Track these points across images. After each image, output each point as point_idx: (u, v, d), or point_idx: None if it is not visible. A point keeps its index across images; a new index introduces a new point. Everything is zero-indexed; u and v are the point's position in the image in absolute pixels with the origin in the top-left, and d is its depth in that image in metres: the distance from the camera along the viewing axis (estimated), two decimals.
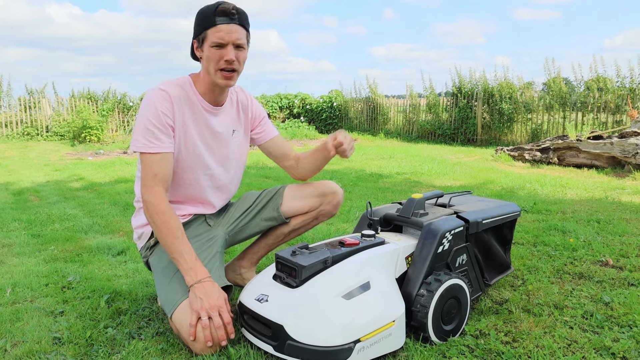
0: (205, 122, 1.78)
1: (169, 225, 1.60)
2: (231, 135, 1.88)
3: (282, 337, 1.45)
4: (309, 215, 2.01)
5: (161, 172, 1.64)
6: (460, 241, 1.80)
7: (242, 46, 1.67)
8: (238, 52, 1.66)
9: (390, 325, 1.51)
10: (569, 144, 6.87)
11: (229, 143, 1.87)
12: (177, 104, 1.69)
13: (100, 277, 2.33)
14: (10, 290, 2.17)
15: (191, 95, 1.74)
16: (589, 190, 4.80)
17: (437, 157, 8.14)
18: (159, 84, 1.70)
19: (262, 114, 2.00)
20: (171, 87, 1.70)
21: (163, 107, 1.65)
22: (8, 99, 12.91)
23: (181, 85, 1.73)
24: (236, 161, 1.93)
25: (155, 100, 1.65)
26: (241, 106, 1.92)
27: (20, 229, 3.40)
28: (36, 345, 1.65)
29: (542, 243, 2.82)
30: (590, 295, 2.04)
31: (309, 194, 1.98)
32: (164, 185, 1.64)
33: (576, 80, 10.76)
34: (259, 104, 2.01)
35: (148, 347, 1.62)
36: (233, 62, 1.65)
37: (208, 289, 1.55)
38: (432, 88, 12.58)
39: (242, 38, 1.66)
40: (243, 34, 1.66)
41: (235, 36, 1.63)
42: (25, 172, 6.64)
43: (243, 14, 1.66)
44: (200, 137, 1.78)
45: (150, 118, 1.64)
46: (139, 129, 1.65)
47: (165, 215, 1.61)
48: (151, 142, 1.63)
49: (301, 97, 15.48)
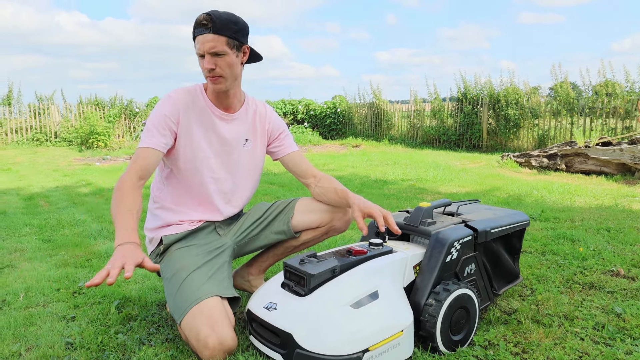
0: (214, 127, 1.84)
1: (123, 200, 1.64)
2: (243, 144, 1.91)
3: (291, 345, 1.46)
4: (319, 230, 2.02)
5: (144, 163, 1.70)
6: (469, 250, 1.80)
7: (220, 53, 1.71)
8: (217, 59, 1.71)
9: (398, 335, 1.51)
10: (577, 150, 6.84)
11: (238, 151, 1.90)
12: (183, 109, 1.79)
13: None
14: (23, 295, 2.20)
15: (200, 101, 1.82)
16: (598, 198, 4.78)
17: (442, 164, 8.13)
18: (170, 91, 1.82)
19: (280, 128, 2.02)
20: (180, 93, 1.81)
21: (167, 111, 1.76)
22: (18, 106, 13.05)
23: (191, 92, 1.83)
24: (247, 170, 1.95)
25: (162, 104, 1.78)
26: (258, 118, 1.96)
27: (32, 234, 3.43)
28: (49, 350, 1.67)
29: (551, 252, 2.81)
30: (602, 306, 2.03)
31: (320, 208, 1.99)
32: (140, 174, 1.70)
33: (584, 85, 10.70)
34: (278, 118, 2.04)
35: (158, 353, 1.64)
36: (213, 70, 1.72)
37: (128, 249, 1.48)
38: (436, 93, 12.56)
39: (218, 45, 1.69)
40: (220, 41, 1.69)
41: (209, 45, 1.68)
42: (35, 178, 6.69)
43: (218, 21, 1.67)
44: (206, 141, 1.83)
45: (154, 120, 1.75)
46: (144, 129, 1.77)
47: (122, 191, 1.65)
48: (147, 139, 1.73)
49: (305, 103, 15.51)
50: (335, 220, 2.00)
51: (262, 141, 1.99)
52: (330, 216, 1.99)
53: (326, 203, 1.99)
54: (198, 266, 1.73)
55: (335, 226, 2.02)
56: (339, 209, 2.00)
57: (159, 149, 1.73)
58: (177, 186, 1.86)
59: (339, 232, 2.06)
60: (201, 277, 1.69)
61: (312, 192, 2.03)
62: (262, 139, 1.98)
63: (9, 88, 13.18)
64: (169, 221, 1.87)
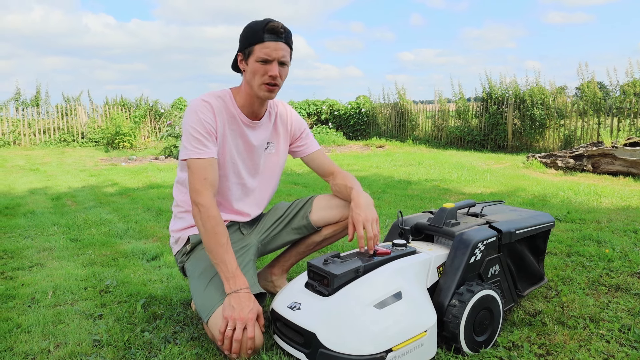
0: (243, 134, 1.84)
1: (217, 230, 1.64)
2: (265, 148, 1.93)
3: (315, 345, 1.47)
4: (340, 225, 2.02)
5: (210, 176, 1.69)
6: (493, 251, 1.79)
7: (286, 63, 1.74)
8: (281, 69, 1.73)
9: (422, 336, 1.51)
10: (604, 151, 6.71)
11: (262, 155, 1.92)
12: (218, 114, 1.77)
13: (136, 282, 2.40)
14: (52, 293, 2.26)
15: (231, 108, 1.81)
16: (625, 199, 4.68)
17: (467, 164, 8.05)
18: (201, 95, 1.79)
19: (302, 127, 2.04)
20: (212, 98, 1.78)
21: (205, 116, 1.73)
22: (46, 107, 13.38)
23: (222, 97, 1.81)
24: (269, 172, 1.97)
25: (198, 109, 1.73)
26: (280, 119, 1.97)
27: (60, 234, 3.52)
28: (77, 347, 1.71)
29: (576, 253, 2.77)
30: (628, 309, 1.99)
31: (339, 204, 2.00)
32: (213, 190, 1.69)
33: (611, 85, 10.49)
34: (299, 118, 2.05)
35: (183, 351, 1.67)
36: (276, 78, 1.71)
37: (243, 299, 1.58)
38: (461, 93, 12.43)
39: (287, 56, 1.73)
40: (288, 52, 1.73)
41: (282, 54, 1.69)
42: (63, 178, 6.84)
43: (289, 33, 1.72)
44: (235, 148, 1.84)
45: (195, 126, 1.71)
46: (186, 138, 1.72)
47: (214, 220, 1.65)
48: (198, 149, 1.70)
49: (329, 103, 15.51)
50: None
51: (285, 142, 2.00)
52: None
53: (343, 199, 2.00)
54: None
55: None
56: None
57: (216, 157, 1.73)
58: None
59: None
60: None
61: (331, 189, 2.04)
62: (284, 140, 2.00)
63: (37, 89, 13.54)
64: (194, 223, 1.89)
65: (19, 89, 13.52)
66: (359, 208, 1.78)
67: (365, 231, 1.72)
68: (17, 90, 13.39)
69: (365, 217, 1.74)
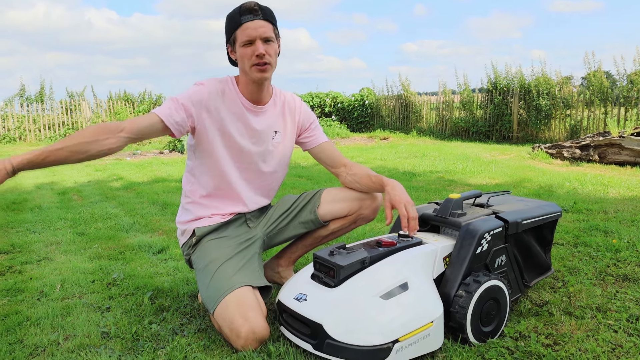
0: (244, 118, 1.84)
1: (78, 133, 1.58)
2: (272, 136, 1.92)
3: (321, 335, 1.47)
4: (347, 219, 2.02)
5: (138, 121, 1.66)
6: (500, 242, 1.78)
7: (271, 39, 1.73)
8: (267, 46, 1.72)
9: (428, 326, 1.51)
10: (610, 141, 6.66)
11: (268, 143, 1.91)
12: (212, 96, 1.78)
13: (143, 275, 2.41)
14: (60, 286, 2.27)
15: (232, 92, 1.82)
16: (632, 189, 4.66)
17: (472, 155, 8.02)
18: (203, 79, 1.82)
19: (310, 119, 2.04)
20: (210, 82, 1.81)
21: (194, 95, 1.75)
22: (50, 102, 13.42)
23: (222, 82, 1.83)
24: (275, 161, 1.96)
25: (192, 90, 1.78)
26: (288, 109, 1.96)
27: (66, 228, 3.53)
28: (86, 339, 1.73)
29: (583, 244, 2.76)
30: (636, 299, 1.98)
31: (348, 197, 2.00)
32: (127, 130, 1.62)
33: (618, 74, 10.36)
34: (308, 109, 2.05)
35: (191, 343, 1.68)
36: (264, 56, 1.71)
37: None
38: (466, 84, 12.34)
39: (269, 32, 1.72)
40: (269, 28, 1.72)
41: (262, 30, 1.70)
42: (68, 173, 6.86)
43: (266, 9, 1.72)
44: (237, 131, 1.83)
45: (178, 97, 1.74)
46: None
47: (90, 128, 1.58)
48: (159, 108, 1.73)
49: (332, 96, 15.46)
50: (363, 209, 2.00)
51: (292, 132, 2.00)
52: (359, 204, 1.99)
53: (358, 190, 1.99)
54: (230, 257, 1.76)
55: (363, 214, 2.01)
56: (367, 197, 2.00)
57: (164, 119, 1.68)
58: (206, 178, 1.88)
59: (368, 221, 2.06)
60: (233, 267, 1.72)
61: (342, 180, 2.03)
62: (291, 131, 1.99)
63: (41, 85, 13.60)
64: (200, 215, 1.90)
65: (24, 85, 13.59)
66: (395, 191, 1.79)
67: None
68: (21, 87, 13.47)
69: (406, 200, 1.76)
